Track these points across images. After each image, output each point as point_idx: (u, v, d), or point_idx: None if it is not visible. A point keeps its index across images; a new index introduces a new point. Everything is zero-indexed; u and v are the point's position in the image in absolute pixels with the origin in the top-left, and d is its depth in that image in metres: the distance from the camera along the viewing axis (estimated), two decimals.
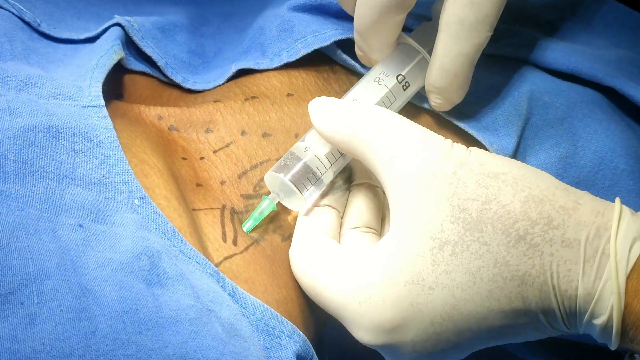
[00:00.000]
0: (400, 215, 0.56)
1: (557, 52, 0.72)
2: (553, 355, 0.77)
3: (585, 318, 0.54)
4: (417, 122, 0.59)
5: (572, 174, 0.70)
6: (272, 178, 0.61)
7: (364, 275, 0.56)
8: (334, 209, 0.62)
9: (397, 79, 0.64)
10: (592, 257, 0.53)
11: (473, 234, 0.54)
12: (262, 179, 0.64)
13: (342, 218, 0.63)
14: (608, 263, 0.53)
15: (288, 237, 0.63)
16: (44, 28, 0.67)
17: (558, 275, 0.53)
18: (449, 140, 0.57)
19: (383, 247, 0.57)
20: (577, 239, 0.53)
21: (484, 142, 0.67)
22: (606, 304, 0.52)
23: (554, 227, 0.54)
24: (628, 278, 0.52)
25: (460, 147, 0.57)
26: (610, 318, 0.53)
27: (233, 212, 0.62)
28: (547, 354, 0.77)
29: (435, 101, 0.66)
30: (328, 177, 0.62)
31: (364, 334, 0.57)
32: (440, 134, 0.58)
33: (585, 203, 0.55)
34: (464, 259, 0.54)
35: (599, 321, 0.53)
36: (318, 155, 0.61)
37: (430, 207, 0.55)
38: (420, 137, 0.57)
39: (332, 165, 0.61)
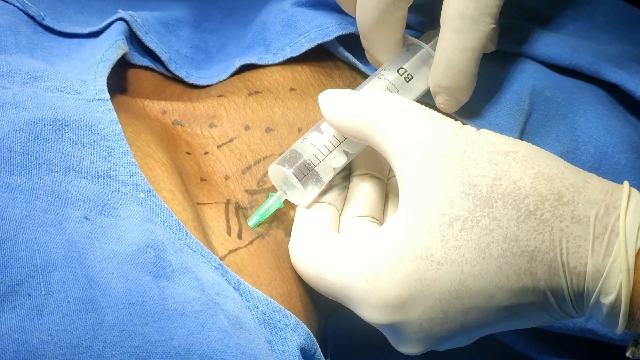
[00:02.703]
0: (409, 193, 0.56)
1: (560, 47, 0.72)
2: (557, 351, 0.77)
3: (593, 297, 0.54)
4: None
5: None
6: (276, 170, 0.61)
7: (370, 252, 0.56)
8: (332, 205, 0.62)
9: (397, 72, 0.65)
10: (601, 234, 0.53)
11: (483, 210, 0.54)
12: (265, 174, 0.64)
13: (341, 210, 0.63)
14: (617, 240, 0.53)
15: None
16: (48, 22, 0.68)
17: (567, 252, 0.53)
18: (459, 122, 0.58)
19: (391, 223, 0.57)
20: (587, 215, 0.53)
21: None
22: (615, 281, 0.53)
23: (564, 203, 0.54)
24: (637, 256, 0.53)
25: (470, 128, 0.57)
26: (618, 297, 0.53)
27: (238, 207, 0.63)
28: (551, 350, 0.77)
29: (443, 102, 0.65)
30: (329, 175, 0.62)
31: (370, 313, 0.57)
32: (456, 121, 0.58)
33: (594, 183, 0.55)
34: (473, 234, 0.54)
35: (607, 300, 0.53)
36: (322, 150, 0.61)
37: (440, 183, 0.55)
38: (431, 118, 0.57)
39: (334, 161, 0.62)
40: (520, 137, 0.69)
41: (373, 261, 0.56)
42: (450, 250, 0.55)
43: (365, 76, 0.70)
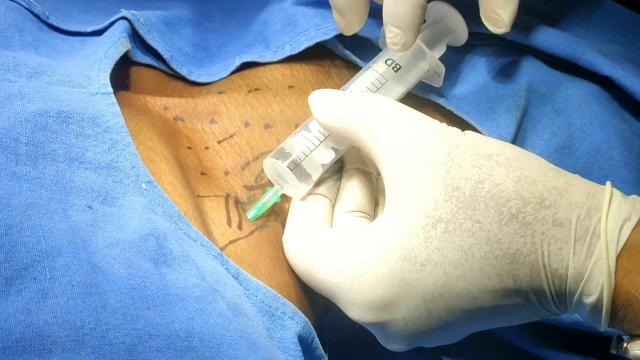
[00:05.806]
0: (394, 195, 0.57)
1: (557, 37, 0.72)
2: (545, 341, 0.78)
3: (575, 298, 0.54)
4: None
5: (568, 165, 0.71)
6: (269, 164, 0.62)
7: (356, 252, 0.57)
8: (326, 197, 0.63)
9: (385, 62, 0.66)
10: (582, 237, 0.53)
11: (466, 212, 0.55)
12: (263, 170, 0.65)
13: (334, 204, 0.64)
14: (599, 242, 0.53)
15: None
16: (52, 20, 0.69)
17: (549, 254, 0.54)
18: (443, 124, 0.58)
19: (376, 225, 0.57)
20: (569, 218, 0.54)
21: (483, 132, 0.68)
22: (596, 283, 0.53)
23: (545, 206, 0.54)
24: (618, 257, 0.53)
25: (454, 130, 0.58)
26: (600, 297, 0.53)
27: (237, 201, 0.64)
28: (539, 339, 0.78)
29: (390, 36, 0.64)
30: (318, 170, 0.63)
31: (356, 311, 0.58)
32: (441, 122, 0.59)
33: (577, 185, 0.55)
34: (456, 236, 0.55)
35: (589, 300, 0.53)
36: (308, 146, 0.62)
37: (424, 185, 0.56)
38: (415, 120, 0.58)
39: (322, 158, 0.63)
40: (517, 133, 0.70)
41: (358, 262, 0.57)
42: (433, 251, 0.55)
43: None
